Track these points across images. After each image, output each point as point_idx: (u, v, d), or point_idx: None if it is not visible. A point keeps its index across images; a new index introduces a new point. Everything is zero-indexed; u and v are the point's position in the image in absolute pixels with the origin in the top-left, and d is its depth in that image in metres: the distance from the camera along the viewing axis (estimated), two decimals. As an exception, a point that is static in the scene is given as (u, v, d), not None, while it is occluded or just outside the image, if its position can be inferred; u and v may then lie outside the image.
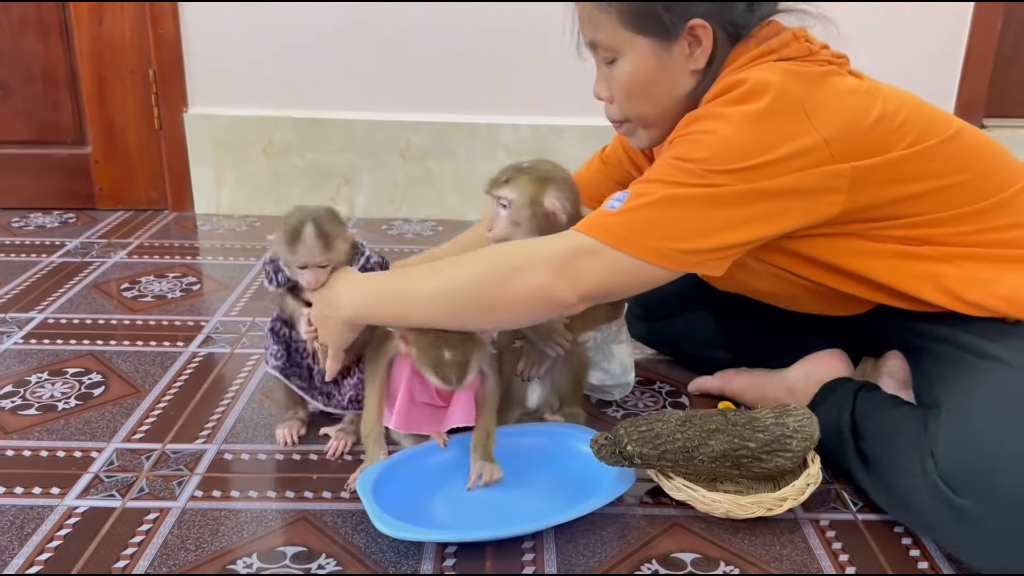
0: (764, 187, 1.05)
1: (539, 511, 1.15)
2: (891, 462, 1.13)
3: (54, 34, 2.38)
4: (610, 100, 1.21)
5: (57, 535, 1.12)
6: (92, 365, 1.58)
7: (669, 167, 1.08)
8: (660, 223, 1.06)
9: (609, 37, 1.14)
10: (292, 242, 1.18)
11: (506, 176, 1.24)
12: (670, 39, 1.12)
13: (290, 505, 1.19)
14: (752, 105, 1.05)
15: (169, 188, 2.50)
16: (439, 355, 1.16)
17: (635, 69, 1.15)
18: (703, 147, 1.06)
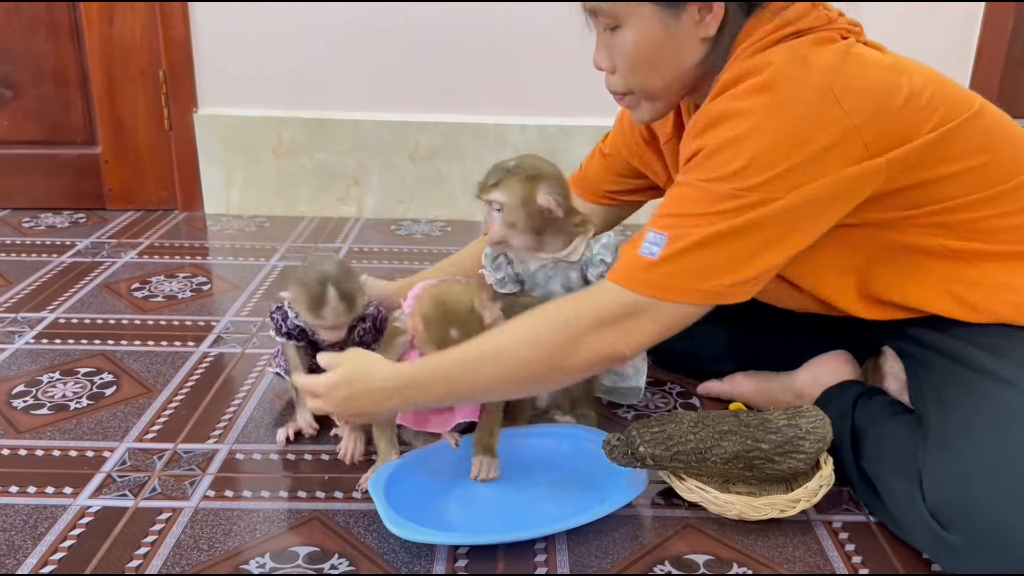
0: (802, 196, 1.00)
1: (551, 514, 1.15)
2: (885, 485, 1.12)
3: (64, 34, 2.38)
4: (611, 70, 1.13)
5: (70, 535, 1.12)
6: (103, 365, 1.59)
7: (702, 194, 1.02)
8: (703, 265, 1.03)
9: (612, 3, 1.06)
10: (317, 307, 1.22)
11: (495, 179, 1.22)
12: (678, 4, 1.04)
13: (302, 505, 1.19)
14: (775, 96, 1.00)
15: (179, 188, 2.51)
16: (446, 333, 1.16)
17: (640, 37, 1.07)
18: (731, 159, 1.00)
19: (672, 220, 1.04)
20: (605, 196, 1.48)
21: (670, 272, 1.03)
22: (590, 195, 1.48)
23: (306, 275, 1.25)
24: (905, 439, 1.12)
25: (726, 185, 1.01)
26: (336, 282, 1.23)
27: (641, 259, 1.04)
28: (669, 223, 1.04)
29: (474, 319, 1.16)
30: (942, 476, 1.01)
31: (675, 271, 1.03)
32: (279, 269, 2.10)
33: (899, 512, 1.09)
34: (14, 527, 1.13)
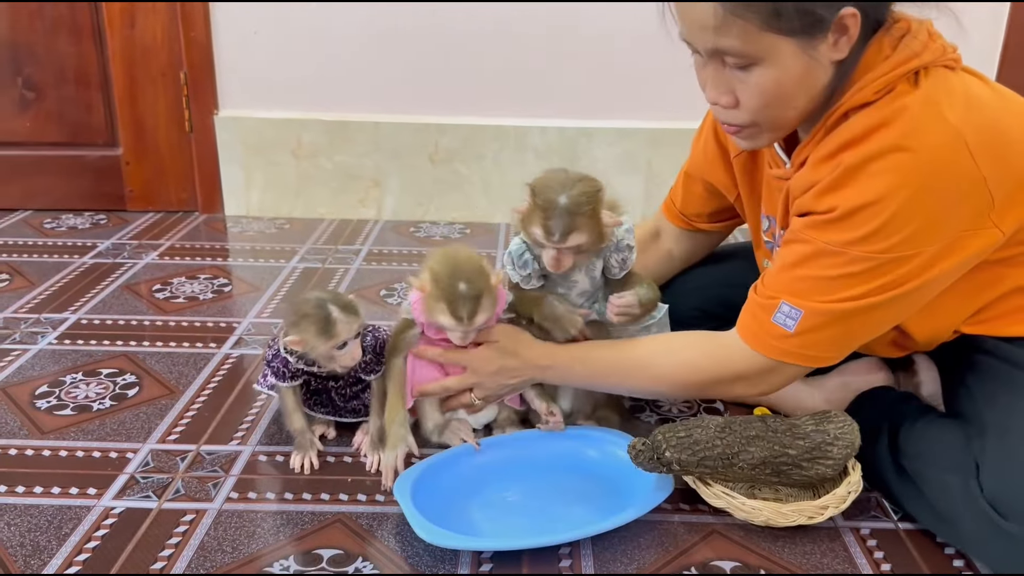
0: (934, 256, 1.02)
1: (577, 518, 1.15)
2: (932, 480, 1.11)
3: (87, 36, 2.39)
4: (733, 106, 1.06)
5: (95, 535, 1.12)
6: (126, 366, 1.59)
7: (835, 258, 1.03)
8: (838, 337, 1.08)
9: (746, 44, 0.99)
10: (326, 328, 1.20)
11: (565, 226, 1.17)
12: (820, 34, 0.99)
13: (325, 507, 1.19)
14: (913, 157, 0.98)
15: (199, 190, 2.52)
16: (455, 287, 1.17)
17: (779, 74, 1.01)
18: (867, 220, 1.00)
19: (806, 286, 1.06)
20: (691, 220, 1.46)
21: (805, 344, 1.08)
22: (678, 220, 1.47)
23: (301, 309, 1.22)
24: (953, 435, 1.11)
25: (861, 248, 1.01)
26: (332, 300, 1.22)
27: (775, 328, 1.08)
28: (802, 291, 1.06)
29: (482, 276, 1.19)
30: (1004, 466, 1.02)
31: (810, 343, 1.08)
32: (299, 271, 2.10)
33: (948, 506, 1.08)
34: (39, 528, 1.14)
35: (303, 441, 1.29)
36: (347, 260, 2.18)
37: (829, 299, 1.04)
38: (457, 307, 1.18)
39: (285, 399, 1.30)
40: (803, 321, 1.06)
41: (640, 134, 2.42)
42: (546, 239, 1.19)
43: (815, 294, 1.05)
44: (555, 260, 1.21)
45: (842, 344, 1.10)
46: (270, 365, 1.29)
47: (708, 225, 1.46)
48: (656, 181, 2.45)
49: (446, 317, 1.19)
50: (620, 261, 1.28)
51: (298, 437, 1.30)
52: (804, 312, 1.05)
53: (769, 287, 1.10)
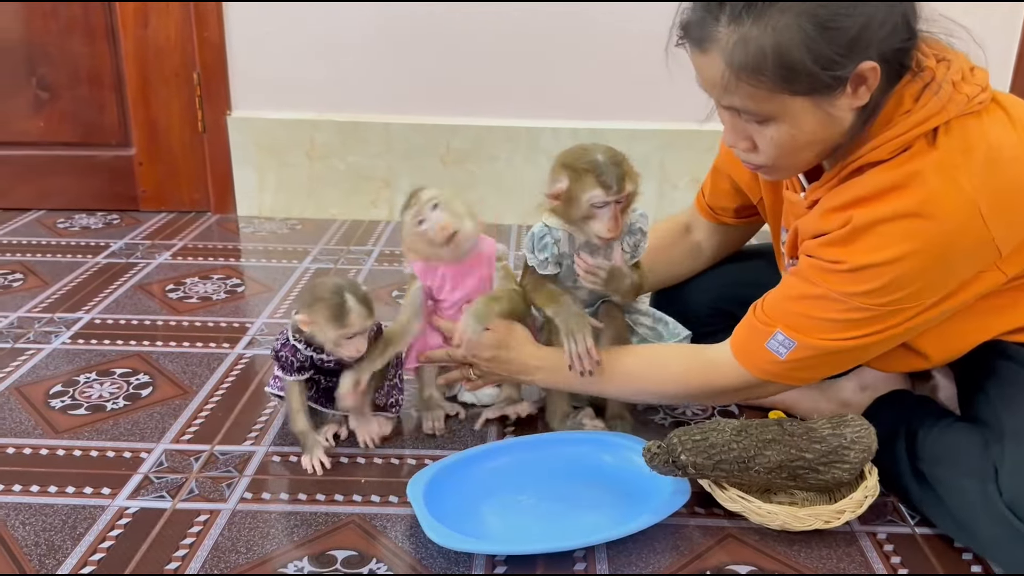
0: (932, 305, 1.05)
1: (592, 523, 1.14)
2: (950, 485, 1.10)
3: (100, 37, 2.40)
4: (752, 150, 1.07)
5: (109, 535, 1.12)
6: (139, 366, 1.59)
7: (836, 304, 1.05)
8: (826, 367, 1.13)
9: (758, 104, 1.00)
10: (339, 316, 1.21)
11: (617, 173, 1.20)
12: (836, 90, 0.98)
13: (339, 508, 1.19)
14: (926, 224, 0.99)
15: (212, 190, 2.52)
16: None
17: (797, 131, 1.01)
18: (873, 278, 1.02)
19: (804, 323, 1.08)
20: (718, 214, 1.46)
21: (794, 368, 1.12)
22: (706, 212, 1.47)
23: (317, 293, 1.23)
24: (971, 440, 1.11)
25: (864, 300, 1.04)
26: (349, 289, 1.23)
27: (767, 353, 1.11)
28: (799, 326, 1.09)
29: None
30: (1022, 470, 1.02)
31: (798, 368, 1.12)
32: (312, 271, 2.10)
33: (966, 511, 1.08)
34: (53, 527, 1.14)
35: (308, 442, 1.29)
36: (359, 261, 2.18)
37: (823, 337, 1.08)
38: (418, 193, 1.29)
39: (291, 398, 1.29)
40: (795, 352, 1.09)
41: (652, 136, 2.42)
42: (607, 194, 1.20)
43: (811, 331, 1.08)
44: (613, 220, 1.22)
45: (828, 372, 1.16)
46: (278, 356, 1.28)
47: (734, 220, 1.45)
48: (669, 183, 2.44)
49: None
50: (632, 246, 1.30)
51: (302, 439, 1.29)
52: (797, 344, 1.09)
53: (768, 313, 1.12)
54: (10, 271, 2.05)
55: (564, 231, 1.27)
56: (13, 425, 1.38)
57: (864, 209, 1.02)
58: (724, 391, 1.21)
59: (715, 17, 0.97)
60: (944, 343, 1.15)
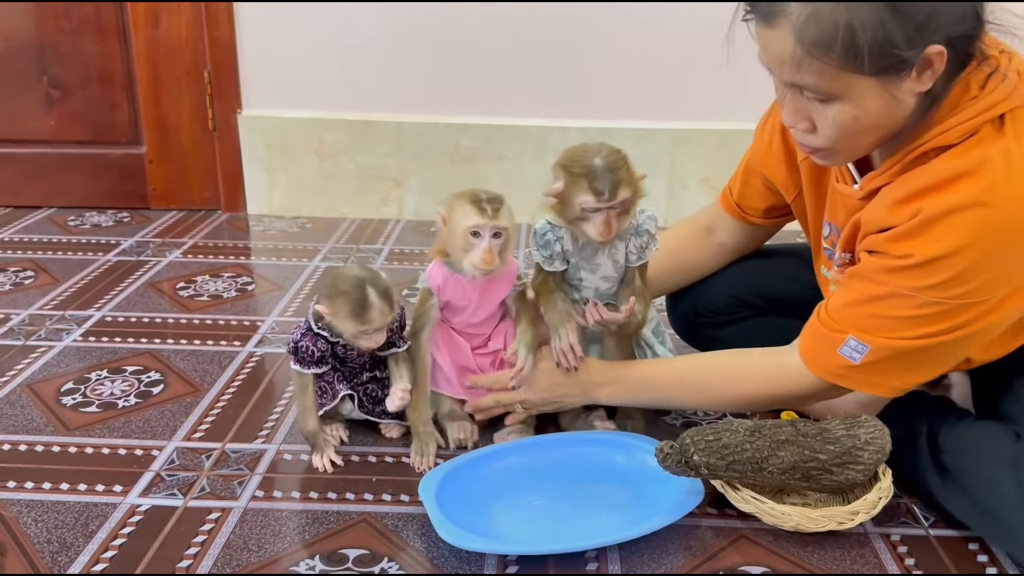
0: (1000, 301, 1.03)
1: (604, 524, 1.14)
2: (980, 475, 1.10)
3: (112, 35, 2.41)
4: (810, 131, 1.05)
5: (121, 533, 1.12)
6: (150, 363, 1.59)
7: (907, 301, 1.03)
8: (902, 371, 1.09)
9: (825, 82, 0.98)
10: (362, 311, 1.19)
11: (610, 180, 1.19)
12: (903, 72, 0.97)
13: (350, 507, 1.18)
14: (993, 213, 0.98)
15: (222, 188, 2.53)
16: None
17: (861, 112, 1.00)
18: (943, 270, 1.00)
19: (874, 323, 1.07)
20: (746, 213, 1.45)
21: (869, 373, 1.10)
22: (733, 211, 1.46)
23: (339, 285, 1.22)
24: (1001, 432, 1.11)
25: (933, 293, 1.02)
26: (372, 282, 1.21)
27: (840, 359, 1.10)
28: (871, 327, 1.07)
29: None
30: None
31: (874, 373, 1.09)
32: (321, 270, 2.10)
33: (996, 501, 1.07)
34: (66, 524, 1.14)
35: (317, 442, 1.28)
36: (369, 259, 2.18)
37: (896, 336, 1.06)
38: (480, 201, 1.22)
39: (303, 397, 1.28)
40: (869, 355, 1.08)
41: (662, 135, 2.41)
42: (597, 200, 1.19)
43: (883, 331, 1.06)
44: (606, 225, 1.21)
45: (904, 377, 1.11)
46: (297, 348, 1.26)
47: (761, 220, 1.44)
48: (679, 183, 2.44)
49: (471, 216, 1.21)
50: (639, 248, 1.29)
51: (312, 439, 1.28)
52: (871, 347, 1.07)
53: (836, 319, 1.10)
54: (21, 268, 2.06)
55: (567, 229, 1.27)
56: (25, 422, 1.38)
57: (933, 199, 1.01)
58: (798, 398, 1.21)
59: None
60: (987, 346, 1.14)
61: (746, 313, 1.47)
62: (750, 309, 1.47)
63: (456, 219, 1.23)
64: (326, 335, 1.26)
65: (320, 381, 1.31)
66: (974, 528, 1.13)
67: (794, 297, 1.38)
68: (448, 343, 1.34)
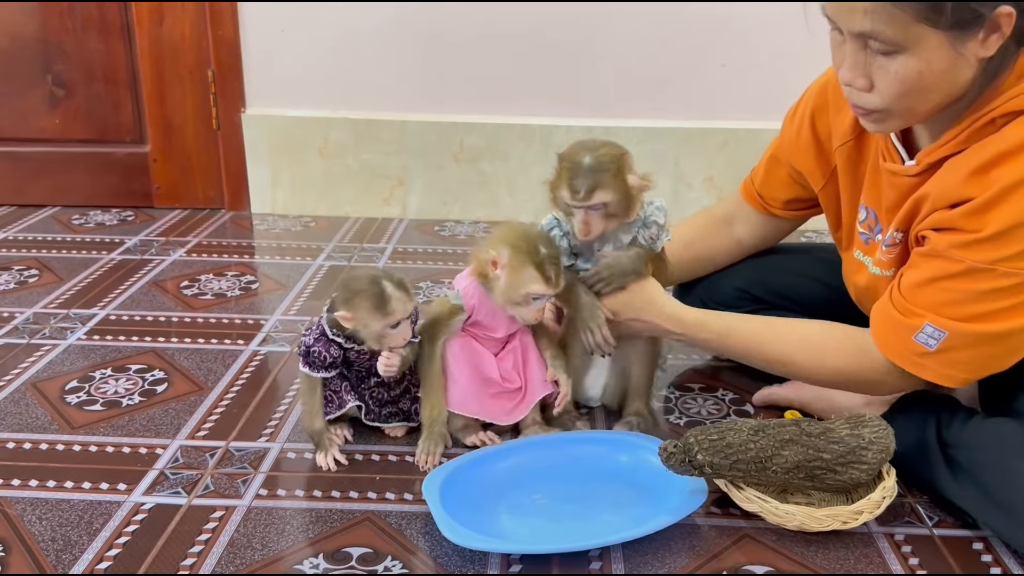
0: None
1: (608, 523, 1.14)
2: (995, 467, 1.09)
3: (115, 34, 2.41)
4: (868, 89, 1.03)
5: (125, 531, 1.12)
6: (154, 362, 1.60)
7: (982, 277, 1.02)
8: (979, 358, 1.08)
9: (896, 31, 0.95)
10: (380, 305, 1.19)
11: (590, 183, 1.19)
12: (972, 30, 0.95)
13: (354, 506, 1.18)
14: None
15: (226, 187, 2.53)
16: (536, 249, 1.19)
17: (924, 66, 0.98)
18: (1021, 240, 0.99)
19: (951, 303, 1.05)
20: (768, 204, 1.45)
21: (945, 362, 1.08)
22: (755, 201, 1.46)
23: (354, 286, 1.21)
24: (1014, 426, 1.11)
25: (1011, 264, 1.00)
26: (385, 276, 1.21)
27: (916, 346, 1.08)
28: (948, 308, 1.05)
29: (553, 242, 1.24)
30: None
31: (950, 361, 1.08)
32: (325, 269, 2.10)
33: (1012, 494, 1.07)
34: (70, 522, 1.14)
35: (322, 440, 1.28)
36: (372, 258, 2.18)
37: (973, 316, 1.04)
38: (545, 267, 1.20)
39: (310, 397, 1.28)
40: (946, 341, 1.06)
41: (667, 134, 2.41)
42: (571, 198, 1.20)
43: (960, 311, 1.04)
44: (583, 224, 1.21)
45: (980, 367, 1.10)
46: (308, 352, 1.26)
47: (783, 211, 1.43)
48: (683, 182, 2.43)
49: (536, 283, 1.20)
50: (648, 239, 1.29)
51: (317, 438, 1.28)
52: (948, 333, 1.06)
53: (911, 301, 1.08)
54: (25, 267, 2.06)
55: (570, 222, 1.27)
56: (29, 420, 1.39)
57: (1008, 167, 0.99)
58: (873, 383, 1.18)
59: None
60: None
61: (755, 308, 1.47)
62: (759, 303, 1.47)
63: (517, 279, 1.20)
64: (340, 342, 1.25)
65: (327, 390, 1.30)
66: (987, 522, 1.13)
67: (804, 293, 1.38)
68: (470, 355, 1.31)
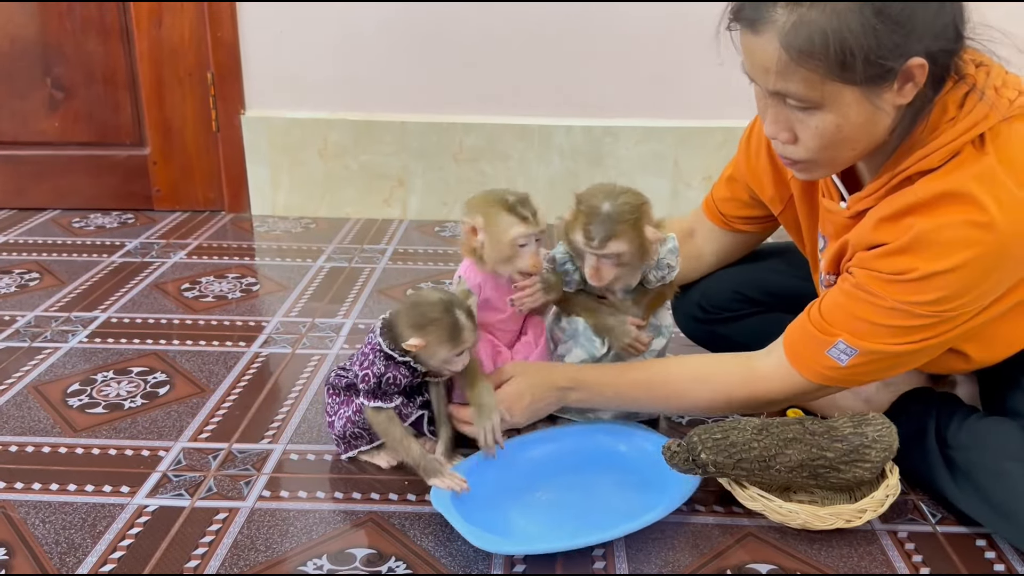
0: (988, 306, 1.06)
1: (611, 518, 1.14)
2: (989, 470, 1.10)
3: (115, 36, 2.41)
4: (792, 142, 1.05)
5: (129, 534, 1.13)
6: (156, 364, 1.60)
7: (900, 315, 1.04)
8: (885, 369, 1.12)
9: (809, 90, 0.98)
10: (455, 334, 1.15)
11: (606, 232, 1.18)
12: (885, 82, 0.97)
13: (358, 507, 1.18)
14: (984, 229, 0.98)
15: (226, 189, 2.53)
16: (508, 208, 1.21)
17: (844, 120, 1.00)
18: (938, 288, 1.02)
19: (866, 330, 1.07)
20: (729, 220, 1.45)
21: (854, 374, 1.11)
22: (716, 218, 1.47)
23: (428, 313, 1.16)
24: (1009, 427, 1.11)
25: (927, 308, 1.03)
26: (456, 304, 1.17)
27: (827, 360, 1.11)
28: (863, 332, 1.08)
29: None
30: None
31: (859, 373, 1.11)
32: (326, 270, 2.10)
33: (1006, 496, 1.08)
34: (73, 525, 1.14)
35: (431, 466, 1.17)
36: (373, 259, 2.18)
37: (886, 343, 1.07)
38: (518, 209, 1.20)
39: (395, 428, 1.19)
40: (857, 357, 1.09)
41: (666, 133, 2.41)
42: (586, 244, 1.20)
43: (874, 338, 1.07)
44: (594, 271, 1.22)
45: (887, 374, 1.15)
46: (382, 382, 1.18)
47: (745, 226, 1.44)
48: (683, 181, 2.43)
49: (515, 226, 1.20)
50: (659, 277, 1.30)
51: (424, 463, 1.17)
52: (859, 351, 1.08)
53: (828, 321, 1.10)
54: (26, 270, 2.06)
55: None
56: (32, 424, 1.39)
57: (924, 217, 1.01)
58: (773, 401, 1.20)
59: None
60: (987, 347, 1.15)
61: (752, 309, 1.47)
62: (756, 305, 1.47)
63: (498, 231, 1.21)
64: (409, 361, 1.19)
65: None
66: (986, 524, 1.13)
67: (800, 293, 1.37)
68: (483, 347, 1.30)
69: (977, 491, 1.11)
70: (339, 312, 1.84)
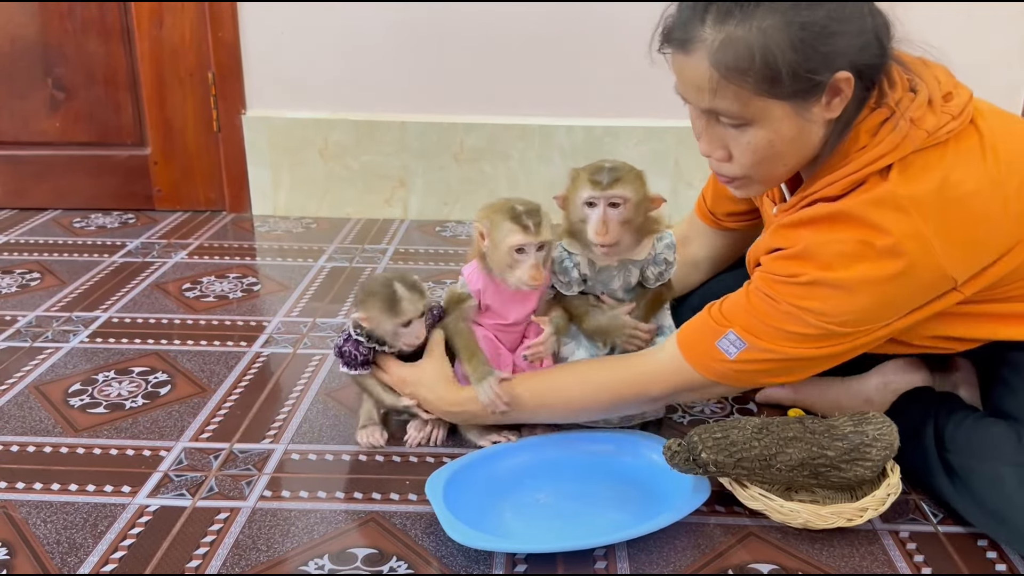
0: (886, 327, 1.07)
1: (612, 521, 1.14)
2: (984, 474, 1.10)
3: (115, 37, 2.41)
4: (726, 159, 1.09)
5: (130, 533, 1.13)
6: (157, 364, 1.60)
7: (795, 320, 1.06)
8: (775, 371, 1.12)
9: (740, 107, 1.00)
10: (392, 306, 1.24)
11: (613, 176, 1.21)
12: (813, 97, 1.00)
13: (359, 506, 1.19)
14: (879, 258, 1.01)
15: (227, 189, 2.53)
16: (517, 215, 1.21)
17: (775, 135, 1.02)
18: (838, 306, 1.04)
19: (760, 328, 1.09)
20: (720, 219, 1.46)
21: (742, 371, 1.12)
22: (707, 218, 1.48)
23: (369, 288, 1.27)
24: (1004, 430, 1.11)
25: (815, 318, 1.05)
26: (398, 278, 1.26)
27: (717, 352, 1.12)
28: (756, 329, 1.09)
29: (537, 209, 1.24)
30: None
31: (747, 371, 1.12)
32: (327, 270, 2.10)
33: (1000, 500, 1.08)
34: (75, 525, 1.14)
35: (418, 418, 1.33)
36: (374, 259, 2.18)
37: (779, 344, 1.09)
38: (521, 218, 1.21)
39: (371, 386, 1.33)
40: (745, 353, 1.10)
41: (667, 133, 2.41)
42: (593, 188, 1.21)
43: (767, 338, 1.09)
44: (602, 223, 1.21)
45: (785, 377, 1.15)
46: (342, 353, 1.30)
47: (736, 223, 1.45)
48: (684, 180, 2.43)
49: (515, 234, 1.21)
50: (657, 274, 1.31)
51: (400, 406, 1.32)
52: (748, 345, 1.10)
53: (727, 316, 1.12)
54: (27, 270, 2.06)
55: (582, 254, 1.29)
56: (33, 423, 1.39)
57: (817, 231, 1.05)
58: (662, 395, 1.21)
59: (700, 18, 0.99)
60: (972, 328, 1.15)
61: None
62: None
63: (498, 236, 1.22)
64: (363, 340, 1.29)
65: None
66: (982, 529, 1.13)
67: None
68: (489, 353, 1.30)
69: (972, 495, 1.11)
70: (340, 312, 1.84)
